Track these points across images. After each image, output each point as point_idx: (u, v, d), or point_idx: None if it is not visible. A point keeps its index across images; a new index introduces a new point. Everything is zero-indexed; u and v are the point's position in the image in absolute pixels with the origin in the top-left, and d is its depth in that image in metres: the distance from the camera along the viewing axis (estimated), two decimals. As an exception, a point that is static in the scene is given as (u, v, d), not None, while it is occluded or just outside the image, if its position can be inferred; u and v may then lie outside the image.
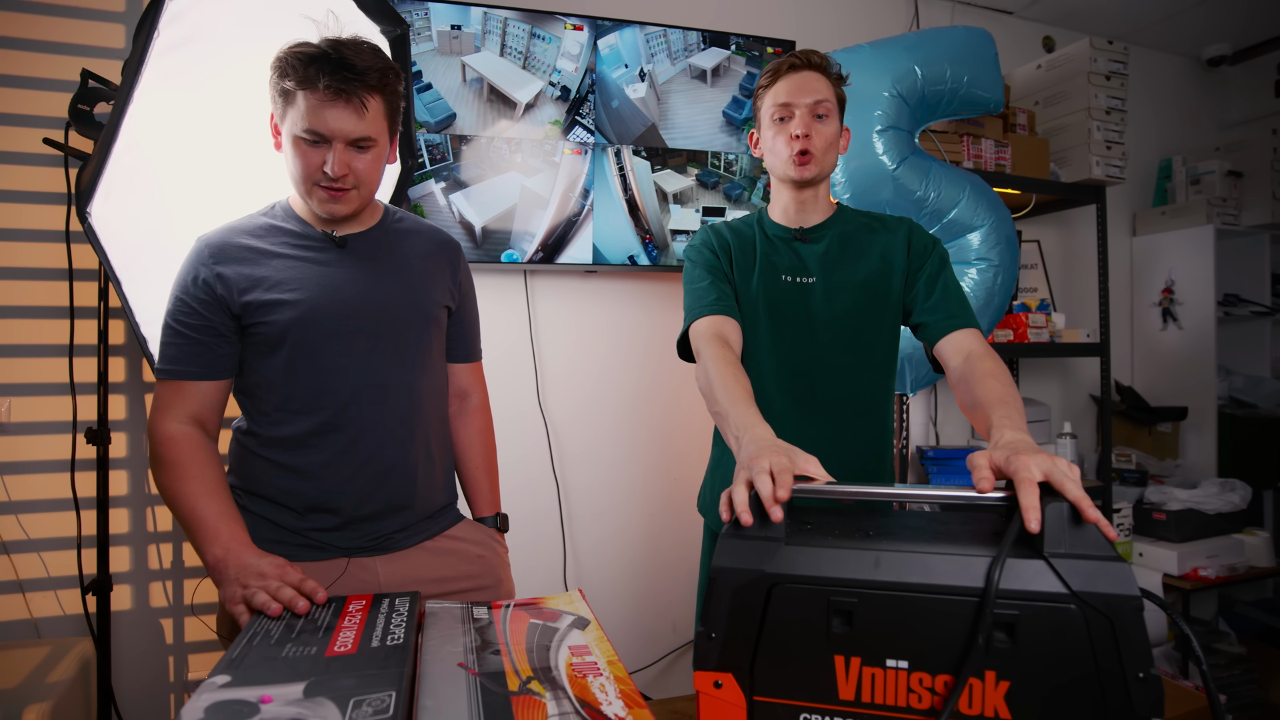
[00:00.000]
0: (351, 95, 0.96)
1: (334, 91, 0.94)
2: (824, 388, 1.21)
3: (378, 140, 1.01)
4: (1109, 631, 0.60)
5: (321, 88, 0.94)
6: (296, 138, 0.98)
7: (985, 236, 1.81)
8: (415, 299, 1.10)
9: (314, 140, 0.97)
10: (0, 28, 1.64)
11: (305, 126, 0.96)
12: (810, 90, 1.17)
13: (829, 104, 1.18)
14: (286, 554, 1.02)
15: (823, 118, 1.18)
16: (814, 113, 1.17)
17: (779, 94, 1.18)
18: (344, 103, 0.96)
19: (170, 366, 1.02)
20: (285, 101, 0.97)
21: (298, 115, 0.96)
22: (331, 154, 0.98)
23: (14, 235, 1.66)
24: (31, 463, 1.68)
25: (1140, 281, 2.96)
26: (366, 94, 0.97)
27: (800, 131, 1.16)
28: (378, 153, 1.03)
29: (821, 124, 1.17)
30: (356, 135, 0.98)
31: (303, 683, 0.65)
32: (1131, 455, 2.69)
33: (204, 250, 1.03)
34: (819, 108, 1.17)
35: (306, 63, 0.94)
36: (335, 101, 0.95)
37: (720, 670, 0.68)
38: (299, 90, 0.95)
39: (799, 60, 1.19)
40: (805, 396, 1.21)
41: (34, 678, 1.41)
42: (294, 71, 0.95)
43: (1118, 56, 2.37)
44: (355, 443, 1.05)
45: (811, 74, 1.18)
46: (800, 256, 1.23)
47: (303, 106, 0.95)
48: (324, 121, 0.96)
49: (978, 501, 0.74)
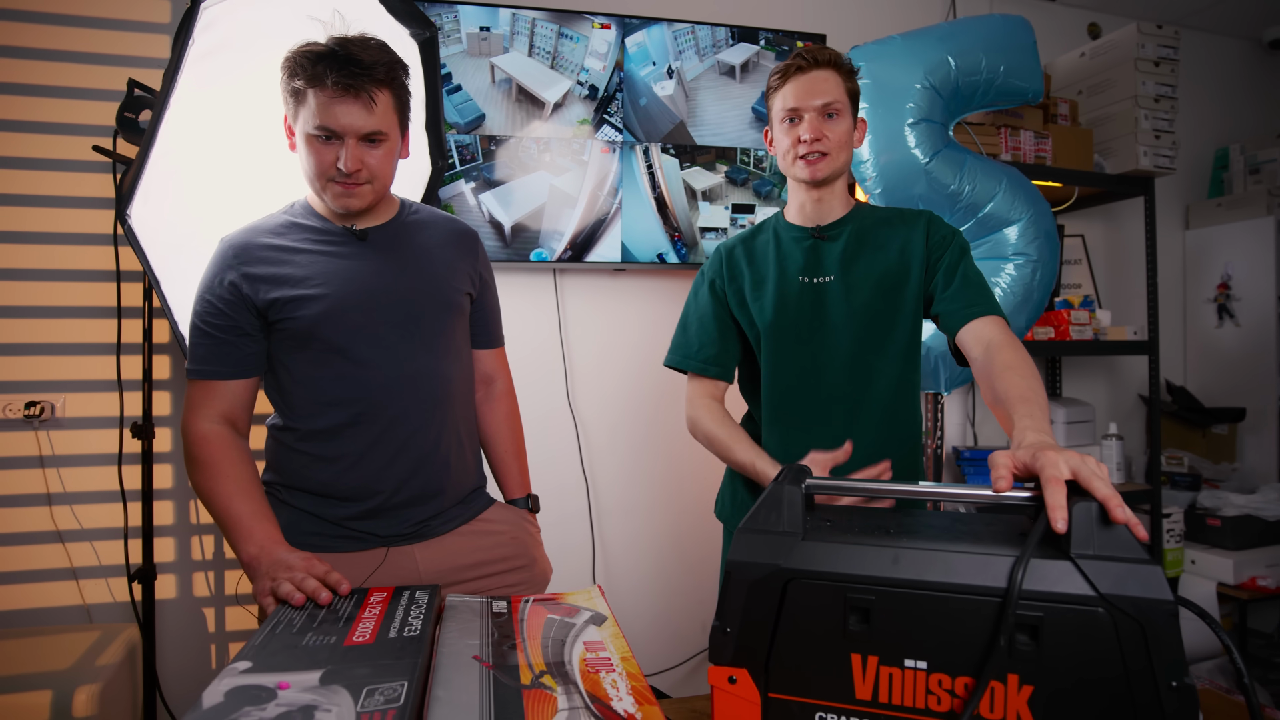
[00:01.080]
0: (360, 90, 0.97)
1: (343, 87, 0.96)
2: (847, 387, 1.19)
3: (388, 134, 1.03)
4: (1140, 637, 0.57)
5: (330, 84, 0.95)
6: (309, 135, 0.99)
7: (1023, 230, 1.75)
8: (438, 288, 1.12)
9: (326, 137, 0.99)
10: (53, 41, 1.73)
11: (317, 123, 0.98)
12: (819, 92, 1.16)
13: (839, 103, 1.16)
14: (327, 546, 1.05)
15: (833, 116, 1.17)
16: (824, 113, 1.16)
17: (787, 97, 1.18)
18: (353, 98, 0.97)
19: (199, 367, 1.05)
20: (296, 101, 0.99)
21: (309, 113, 0.98)
22: (344, 150, 0.99)
23: (66, 239, 1.74)
24: (83, 456, 1.76)
25: (1194, 277, 2.83)
26: (375, 88, 0.98)
27: (810, 135, 1.15)
28: (389, 147, 1.04)
29: (832, 123, 1.17)
30: (367, 130, 0.99)
31: (320, 670, 0.66)
32: (1183, 458, 2.58)
33: (228, 251, 1.05)
34: (829, 108, 1.16)
35: (314, 61, 0.96)
36: (344, 97, 0.96)
37: (735, 666, 0.67)
38: (309, 88, 0.96)
39: (806, 60, 1.17)
40: (829, 397, 1.20)
41: (85, 660, 1.48)
42: (303, 70, 0.96)
43: (1168, 41, 2.27)
44: (388, 431, 1.06)
45: (820, 73, 1.16)
46: (817, 256, 1.22)
47: (313, 104, 0.97)
48: (334, 117, 0.97)
49: (1003, 501, 0.71)
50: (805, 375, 1.21)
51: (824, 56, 1.17)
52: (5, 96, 1.71)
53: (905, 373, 1.21)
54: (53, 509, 1.74)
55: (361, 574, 1.06)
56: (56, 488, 1.75)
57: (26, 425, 1.73)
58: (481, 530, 1.17)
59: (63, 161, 1.73)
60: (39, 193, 1.73)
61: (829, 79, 1.16)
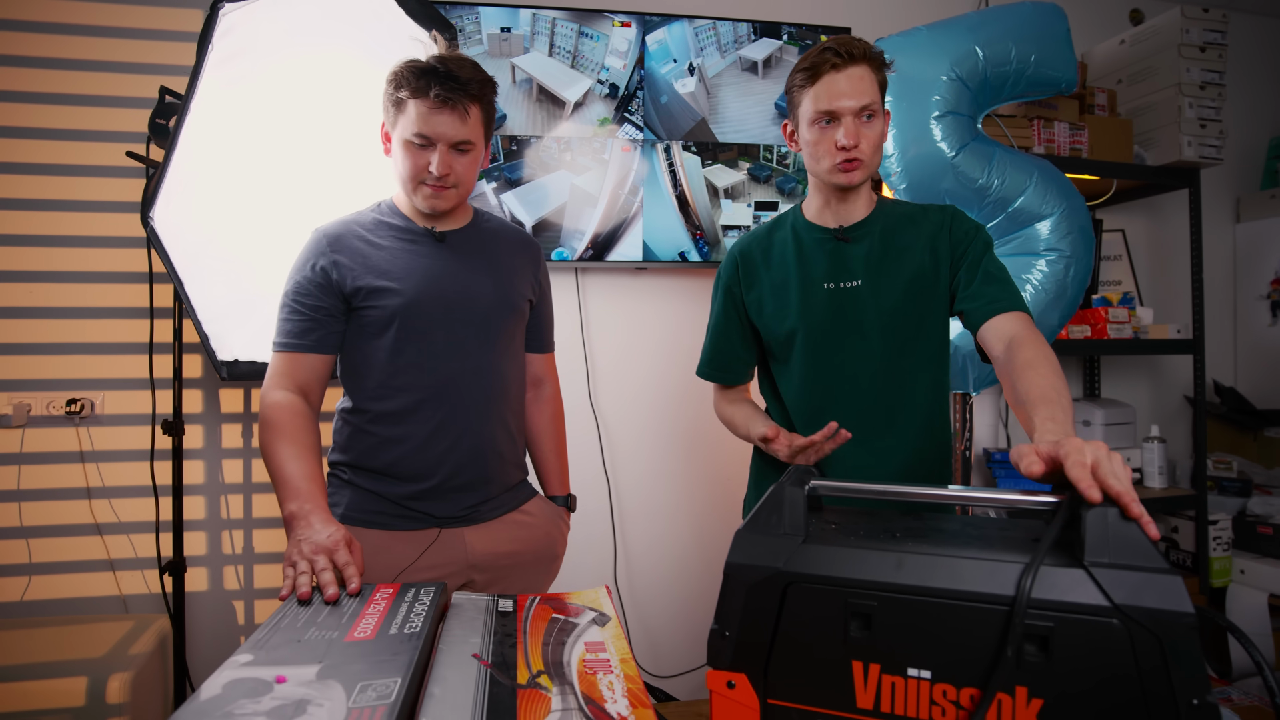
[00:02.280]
0: (456, 103, 1.08)
1: (441, 100, 1.07)
2: (881, 395, 1.16)
3: (476, 144, 1.14)
4: (1157, 652, 0.54)
5: (432, 96, 1.06)
6: (406, 141, 1.10)
7: (1055, 225, 1.69)
8: (505, 291, 1.21)
9: (422, 143, 1.09)
10: (89, 51, 1.79)
11: (415, 131, 1.08)
12: (856, 93, 1.08)
13: (875, 105, 1.10)
14: (386, 524, 1.16)
15: (870, 118, 1.10)
16: (861, 116, 1.09)
17: (820, 98, 1.10)
18: (450, 110, 1.08)
19: (284, 340, 1.13)
20: (397, 110, 1.10)
21: (408, 121, 1.09)
22: (436, 155, 1.09)
23: (102, 242, 1.80)
24: (120, 451, 1.82)
25: (1245, 272, 2.70)
26: (469, 102, 1.10)
27: (849, 142, 1.09)
28: (475, 155, 1.15)
29: (869, 126, 1.10)
30: (459, 139, 1.10)
31: (318, 665, 0.67)
32: (1232, 462, 2.46)
33: (322, 240, 1.15)
34: (866, 110, 1.09)
35: (419, 75, 1.07)
36: (442, 109, 1.08)
37: (734, 670, 0.66)
38: (411, 99, 1.08)
39: (840, 57, 1.09)
40: (863, 406, 1.16)
41: (118, 649, 1.53)
42: (408, 83, 1.08)
43: (1215, 25, 2.17)
44: (450, 418, 1.16)
45: (855, 70, 1.09)
46: (842, 259, 1.17)
47: (413, 114, 1.08)
48: (432, 126, 1.08)
49: (1019, 506, 0.68)
50: (837, 384, 1.18)
51: (857, 50, 1.10)
52: (45, 106, 1.78)
53: (938, 375, 1.18)
54: (91, 502, 1.81)
55: (415, 550, 1.16)
56: (95, 482, 1.81)
57: (68, 422, 1.80)
58: (523, 520, 1.27)
59: (99, 167, 1.79)
60: (77, 198, 1.79)
61: (864, 76, 1.09)
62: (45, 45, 1.78)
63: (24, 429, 1.78)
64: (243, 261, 1.39)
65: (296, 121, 1.32)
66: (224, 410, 1.89)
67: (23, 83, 1.77)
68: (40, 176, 1.78)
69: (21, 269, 1.78)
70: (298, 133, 1.35)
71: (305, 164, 1.40)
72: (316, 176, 1.42)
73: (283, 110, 1.33)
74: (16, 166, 1.77)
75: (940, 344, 1.18)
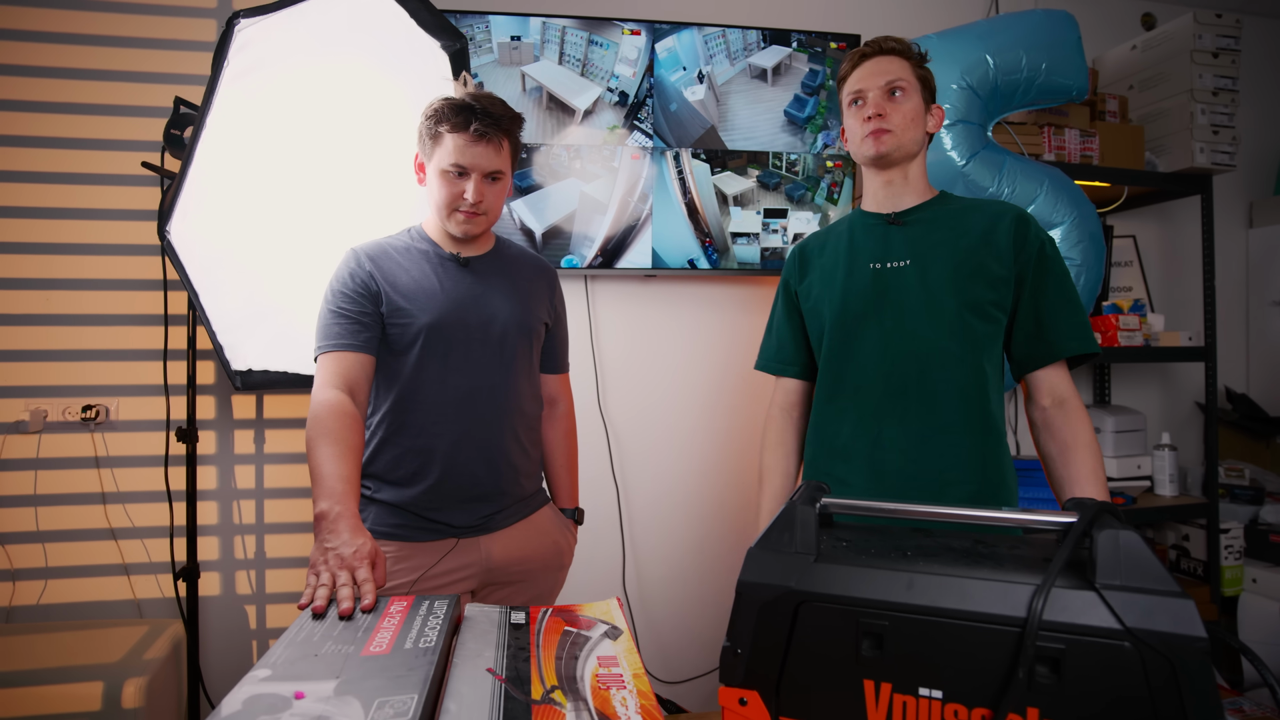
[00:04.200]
0: (492, 137, 1.18)
1: (480, 134, 1.16)
2: (928, 377, 1.13)
3: (506, 173, 1.23)
4: (1170, 676, 0.54)
5: (471, 131, 1.16)
6: (444, 170, 1.18)
7: (1066, 234, 1.69)
8: (523, 314, 1.29)
9: (459, 173, 1.18)
10: (105, 61, 1.81)
11: (453, 161, 1.17)
12: (882, 73, 1.16)
13: (904, 81, 1.15)
14: (406, 536, 1.22)
15: (898, 94, 1.15)
16: (888, 91, 1.15)
17: (853, 82, 1.19)
18: (486, 143, 1.17)
19: (328, 342, 1.18)
20: (434, 142, 1.18)
21: (445, 153, 1.17)
22: (471, 184, 1.18)
23: (116, 250, 1.82)
24: (134, 457, 1.84)
25: (1258, 278, 2.68)
26: (503, 136, 1.20)
27: (872, 111, 1.14)
28: (504, 184, 1.24)
29: (897, 100, 1.15)
30: (492, 169, 1.19)
31: (335, 680, 0.68)
32: (1244, 470, 2.44)
33: (361, 254, 1.23)
34: (893, 85, 1.15)
35: (458, 111, 1.16)
36: (479, 142, 1.17)
37: (746, 687, 0.67)
38: (450, 133, 1.16)
39: (871, 47, 1.18)
40: (901, 389, 1.14)
41: (133, 654, 1.54)
42: (448, 118, 1.16)
43: (1228, 31, 2.16)
44: (468, 432, 1.23)
45: (886, 59, 1.17)
46: (891, 241, 1.18)
47: (450, 146, 1.17)
48: (469, 158, 1.17)
49: (1033, 526, 0.69)
50: (876, 366, 1.16)
51: (889, 44, 1.18)
52: (62, 115, 1.80)
53: (980, 362, 1.13)
54: (106, 508, 1.83)
55: (433, 558, 1.23)
56: (110, 487, 1.83)
57: (84, 428, 1.82)
58: (534, 529, 1.33)
59: (114, 176, 1.81)
60: (92, 206, 1.82)
61: (894, 62, 1.16)
62: (60, 56, 1.80)
63: (40, 435, 1.80)
64: (257, 273, 1.40)
65: (311, 135, 1.33)
66: (236, 416, 1.90)
67: (39, 92, 1.79)
68: (56, 185, 1.80)
69: (38, 276, 1.80)
70: (312, 147, 1.36)
71: (320, 177, 1.41)
72: (332, 190, 1.43)
73: (297, 124, 1.34)
74: (33, 175, 1.79)
75: (987, 332, 1.13)
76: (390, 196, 1.50)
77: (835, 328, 1.20)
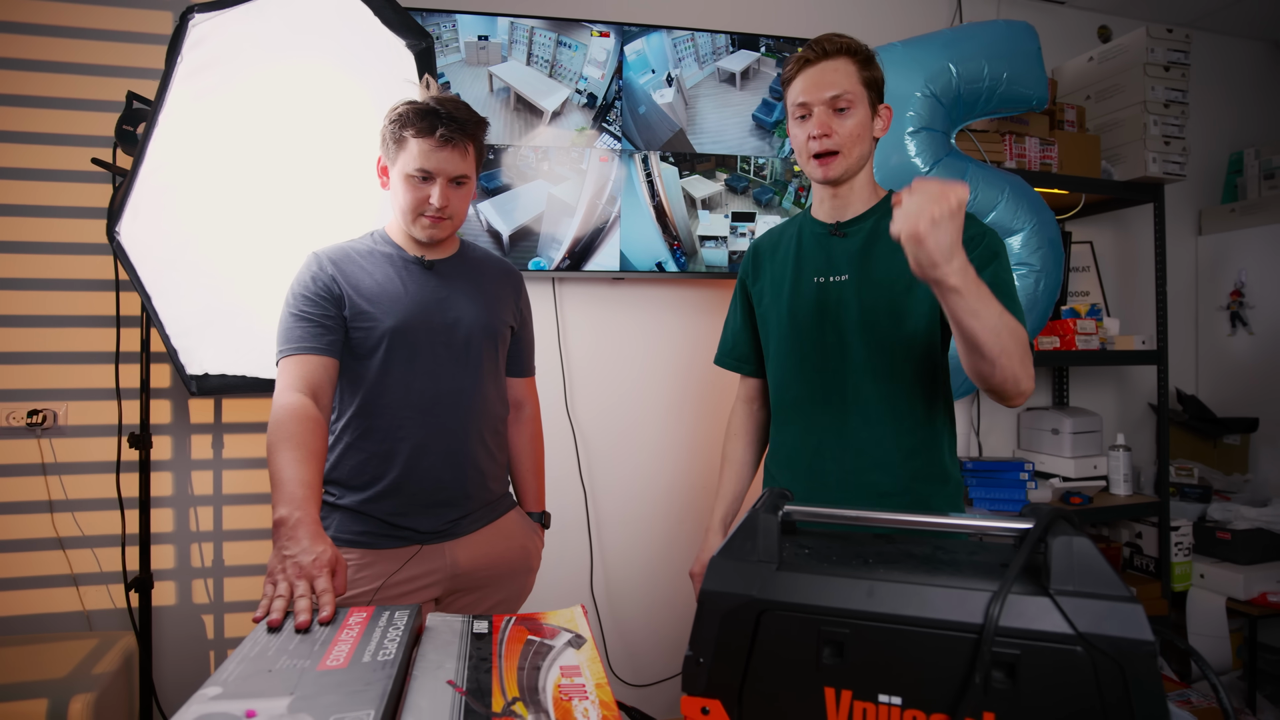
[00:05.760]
0: (458, 142, 1.16)
1: (445, 139, 1.14)
2: (859, 392, 1.15)
3: (470, 178, 1.22)
4: (1119, 678, 0.55)
5: (437, 136, 1.14)
6: (408, 175, 1.17)
7: (1026, 240, 1.73)
8: (488, 318, 1.28)
9: (424, 177, 1.16)
10: (53, 52, 1.74)
11: (418, 166, 1.15)
12: (828, 84, 1.11)
13: (850, 95, 1.10)
14: (369, 543, 1.20)
15: (844, 110, 1.11)
16: (834, 107, 1.11)
17: (797, 91, 1.14)
18: (451, 148, 1.16)
19: (289, 345, 1.15)
20: (399, 146, 1.16)
21: (409, 158, 1.15)
22: (436, 189, 1.17)
23: (66, 248, 1.76)
24: (85, 464, 1.77)
25: (1207, 283, 2.78)
26: (468, 141, 1.18)
27: (817, 131, 1.11)
28: (469, 188, 1.23)
29: (843, 118, 1.11)
30: (457, 174, 1.18)
31: (289, 697, 0.66)
32: (1194, 469, 2.53)
33: (322, 258, 1.21)
34: (838, 102, 1.10)
35: (423, 115, 1.15)
36: (445, 147, 1.15)
37: (708, 696, 0.67)
38: (415, 138, 1.15)
39: (816, 51, 1.12)
40: (840, 402, 1.16)
41: (81, 669, 1.49)
42: (412, 123, 1.15)
43: (1178, 45, 2.23)
44: (431, 436, 1.22)
45: (831, 64, 1.11)
46: (834, 254, 1.18)
47: (415, 151, 1.15)
48: (434, 162, 1.15)
49: (988, 533, 0.70)
50: (816, 379, 1.18)
51: (834, 46, 1.12)
52: (6, 108, 1.73)
53: (922, 378, 1.15)
54: (54, 516, 1.76)
55: (396, 564, 1.21)
56: (58, 495, 1.76)
57: (29, 433, 1.75)
58: (501, 533, 1.32)
59: (63, 172, 1.75)
60: (40, 203, 1.75)
61: (840, 69, 1.11)
62: (7, 46, 1.73)
63: (-17, 440, 1.73)
64: (214, 275, 1.36)
65: (270, 134, 1.30)
66: (194, 421, 1.85)
67: (-17, 84, 1.72)
68: (2, 180, 1.73)
69: (-19, 275, 1.73)
70: (272, 146, 1.33)
71: (280, 178, 1.38)
72: (292, 191, 1.40)
73: (256, 123, 1.31)
74: (-24, 170, 1.72)
75: (927, 346, 1.14)
76: (352, 198, 1.46)
77: (780, 340, 1.22)
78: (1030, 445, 2.45)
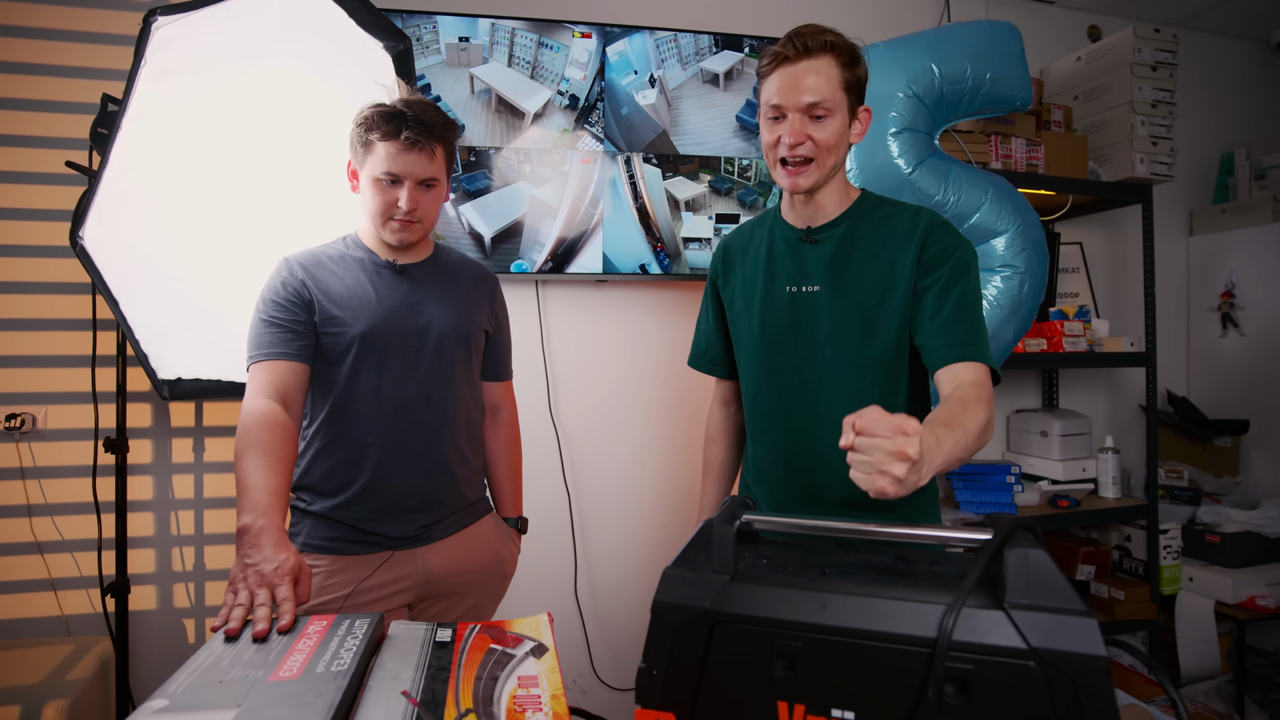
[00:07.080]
0: (424, 145, 1.15)
1: (411, 141, 1.13)
2: (829, 406, 1.12)
3: (440, 180, 1.21)
4: (1072, 693, 0.54)
5: (402, 139, 1.13)
6: (376, 179, 1.16)
7: (1010, 242, 1.71)
8: (461, 321, 1.27)
9: (392, 181, 1.16)
10: (29, 54, 1.73)
11: (385, 169, 1.15)
12: (806, 89, 1.03)
13: (829, 102, 1.03)
14: (341, 549, 1.19)
15: (822, 118, 1.04)
16: (810, 114, 1.04)
17: (771, 90, 1.06)
18: (418, 150, 1.15)
19: (259, 351, 1.14)
20: (366, 150, 1.16)
21: (377, 161, 1.15)
22: (404, 192, 1.16)
23: (41, 251, 1.74)
24: (63, 468, 1.76)
25: (1197, 285, 2.77)
26: (435, 143, 1.17)
27: (790, 139, 1.05)
28: (439, 191, 1.22)
29: (819, 125, 1.04)
30: (425, 176, 1.17)
31: (235, 710, 0.64)
32: (1183, 471, 2.52)
33: (293, 263, 1.20)
34: (816, 109, 1.03)
35: (388, 119, 1.14)
36: (411, 149, 1.14)
37: (662, 709, 0.66)
38: (381, 141, 1.14)
39: (795, 49, 1.03)
40: (811, 416, 1.14)
41: (56, 674, 1.47)
42: (378, 126, 1.14)
43: (1166, 45, 2.22)
44: (405, 441, 1.21)
45: (811, 64, 1.03)
46: (806, 262, 1.13)
47: (382, 154, 1.14)
48: (401, 165, 1.15)
49: (950, 543, 0.69)
50: (788, 391, 1.15)
51: (816, 42, 1.03)
52: (-19, 110, 1.71)
53: (892, 392, 1.12)
54: (32, 520, 1.75)
55: (367, 570, 1.20)
56: (37, 499, 1.75)
57: (8, 437, 1.74)
58: (475, 538, 1.31)
59: (38, 175, 1.73)
60: (15, 206, 1.73)
61: (821, 70, 1.03)
62: (-17, 47, 1.72)
63: (-40, 445, 1.71)
64: (184, 280, 1.35)
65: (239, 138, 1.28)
66: (175, 424, 1.84)
67: (-41, 85, 1.71)
68: (-22, 183, 1.72)
69: (-42, 279, 1.72)
70: (241, 149, 1.31)
71: (248, 181, 1.36)
72: (263, 195, 1.38)
73: (225, 126, 1.29)
74: (-48, 172, 1.71)
75: (896, 360, 1.11)
76: (325, 202, 1.45)
77: (751, 350, 1.19)
78: (1019, 448, 2.44)
